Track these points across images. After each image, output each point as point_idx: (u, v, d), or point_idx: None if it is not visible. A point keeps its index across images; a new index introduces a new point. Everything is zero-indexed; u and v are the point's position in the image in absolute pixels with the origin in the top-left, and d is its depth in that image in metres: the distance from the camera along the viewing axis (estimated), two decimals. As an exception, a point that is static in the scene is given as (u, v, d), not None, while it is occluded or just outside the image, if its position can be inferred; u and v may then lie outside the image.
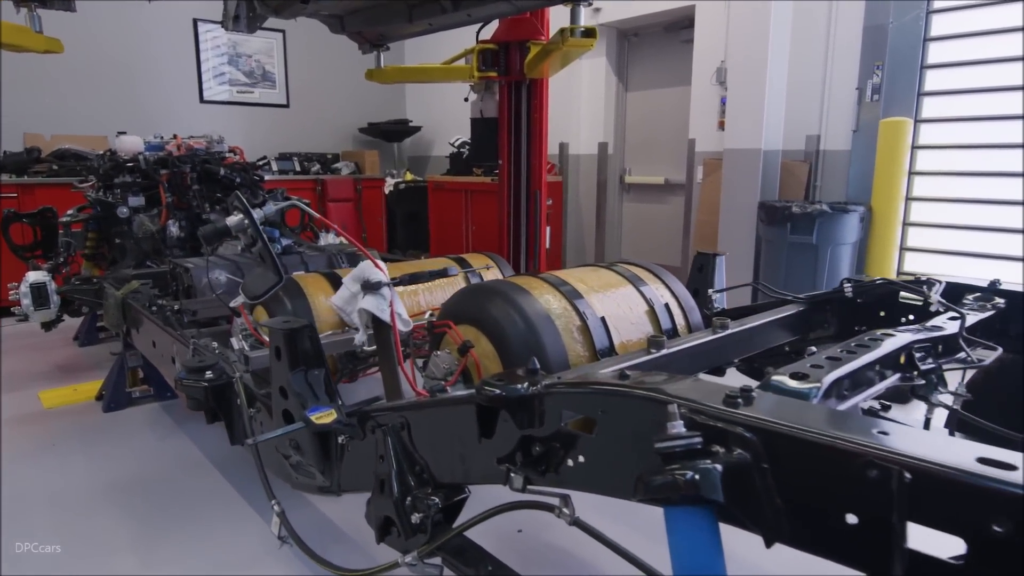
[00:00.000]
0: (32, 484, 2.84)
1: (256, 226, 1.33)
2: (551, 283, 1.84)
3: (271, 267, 1.35)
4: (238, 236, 1.38)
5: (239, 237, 1.38)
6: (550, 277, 1.88)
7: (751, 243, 4.88)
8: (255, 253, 1.38)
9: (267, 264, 1.35)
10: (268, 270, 1.36)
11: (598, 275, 2.01)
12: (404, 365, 1.48)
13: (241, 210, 1.31)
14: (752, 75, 4.73)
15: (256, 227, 1.33)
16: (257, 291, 1.38)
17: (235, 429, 1.90)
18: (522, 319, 1.67)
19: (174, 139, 4.69)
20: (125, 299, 3.00)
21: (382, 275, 1.40)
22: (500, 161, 4.51)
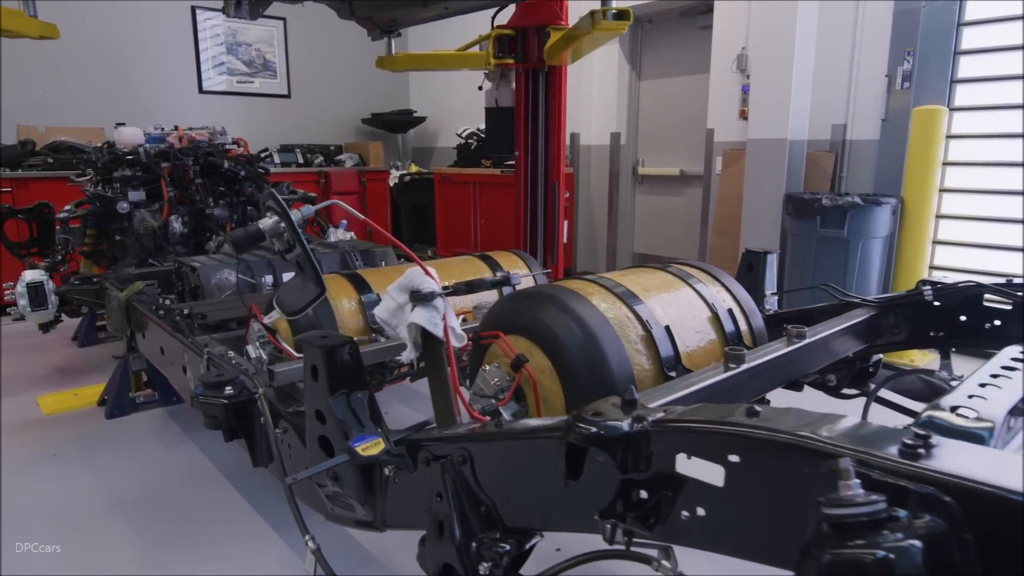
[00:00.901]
0: (31, 499, 2.67)
1: (295, 230, 1.15)
2: (606, 287, 1.66)
3: (312, 277, 1.16)
4: (272, 241, 1.20)
5: (273, 242, 1.20)
6: (604, 280, 1.70)
7: (776, 237, 4.71)
8: (290, 260, 1.20)
9: (307, 273, 1.17)
10: (308, 280, 1.18)
11: (653, 277, 1.83)
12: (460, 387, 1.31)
13: (277, 211, 1.13)
14: (778, 62, 4.54)
15: (295, 231, 1.15)
16: (295, 305, 1.20)
17: (258, 450, 1.72)
18: (580, 329, 1.49)
19: (175, 130, 4.50)
20: (129, 301, 2.81)
21: (434, 284, 1.22)
22: (516, 152, 4.32)
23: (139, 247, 4.10)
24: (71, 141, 6.09)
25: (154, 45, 6.90)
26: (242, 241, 1.14)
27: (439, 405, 1.30)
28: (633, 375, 1.50)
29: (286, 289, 1.25)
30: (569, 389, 1.49)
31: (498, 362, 1.57)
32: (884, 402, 1.93)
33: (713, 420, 0.85)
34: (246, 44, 7.44)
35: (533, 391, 1.49)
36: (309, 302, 1.18)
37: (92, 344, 4.73)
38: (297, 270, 1.23)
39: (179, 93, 7.09)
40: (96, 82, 6.59)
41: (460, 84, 7.86)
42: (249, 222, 4.54)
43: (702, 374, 1.39)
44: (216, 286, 2.93)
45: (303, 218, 1.17)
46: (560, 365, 1.49)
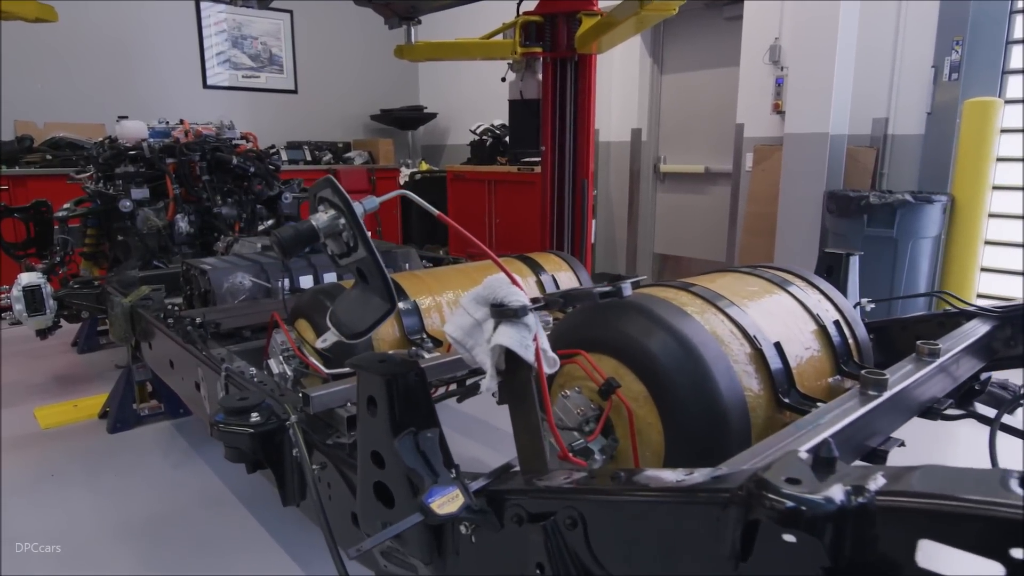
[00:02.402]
0: (29, 525, 2.42)
1: (360, 228, 0.89)
2: (700, 296, 1.41)
3: (379, 288, 0.91)
4: (325, 243, 0.94)
5: (325, 244, 0.95)
6: (693, 287, 1.45)
7: (815, 237, 4.46)
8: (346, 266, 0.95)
9: (371, 284, 0.92)
10: (373, 293, 0.93)
11: (744, 282, 1.58)
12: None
13: (336, 204, 0.88)
14: (819, 52, 4.29)
15: (360, 229, 0.89)
16: (358, 323, 0.94)
17: (288, 487, 1.47)
18: (681, 346, 1.24)
19: (181, 124, 4.24)
20: (134, 307, 2.56)
21: (523, 296, 0.97)
22: (542, 147, 4.07)
23: (143, 248, 3.85)
24: (71, 137, 5.84)
25: (157, 38, 6.65)
26: (290, 242, 0.89)
27: (525, 445, 1.05)
28: (745, 401, 1.25)
29: (344, 304, 0.99)
30: (669, 419, 1.24)
31: (579, 386, 1.32)
32: (1005, 427, 1.68)
33: (978, 498, 0.60)
34: (252, 37, 7.19)
35: (628, 424, 1.23)
36: (376, 320, 0.93)
37: (93, 350, 4.48)
38: (357, 279, 0.98)
39: (183, 88, 6.84)
40: (97, 76, 6.34)
41: (472, 79, 7.62)
42: (259, 221, 4.30)
43: (841, 408, 1.14)
44: (229, 291, 2.68)
45: (364, 211, 0.92)
46: (658, 390, 1.24)
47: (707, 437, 1.22)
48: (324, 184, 0.90)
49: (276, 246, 0.87)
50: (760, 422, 1.28)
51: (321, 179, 0.91)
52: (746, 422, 1.24)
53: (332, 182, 0.88)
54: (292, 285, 2.88)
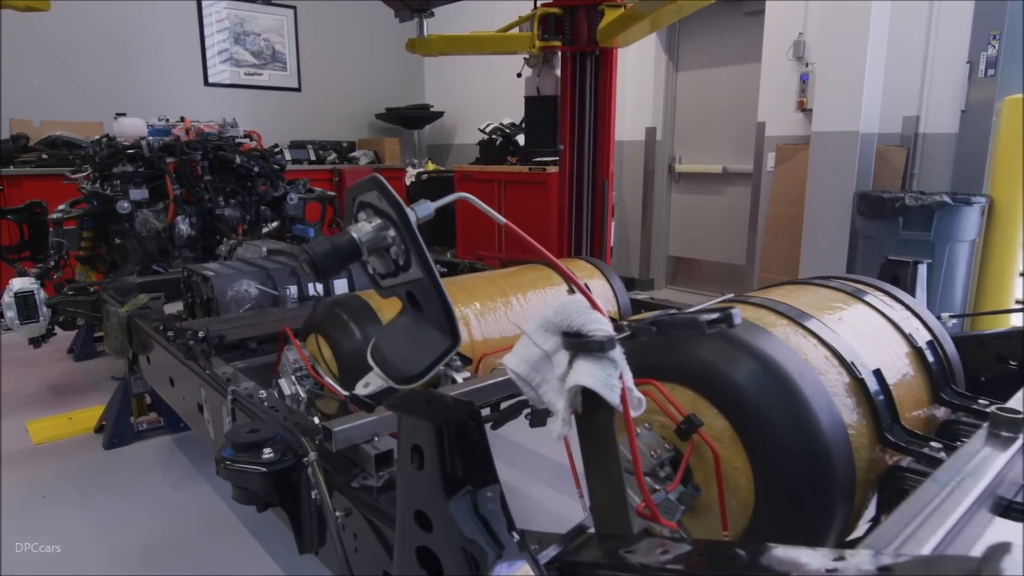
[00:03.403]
0: (17, 554, 2.23)
1: (418, 242, 0.70)
2: (786, 314, 1.22)
3: (438, 319, 0.72)
4: (367, 261, 0.74)
5: (367, 263, 0.75)
6: (777, 305, 1.26)
7: (843, 240, 4.27)
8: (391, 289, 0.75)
9: (426, 312, 0.73)
10: (426, 324, 0.74)
11: (822, 297, 1.39)
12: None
13: (386, 212, 0.69)
14: (849, 47, 4.10)
15: (417, 244, 0.70)
16: (412, 365, 0.73)
17: (305, 532, 1.28)
18: (774, 376, 1.05)
19: (182, 122, 4.05)
20: (131, 317, 2.37)
21: (607, 325, 0.78)
22: (560, 146, 3.89)
23: (141, 251, 3.66)
24: (67, 136, 5.65)
25: (157, 33, 6.46)
26: (326, 260, 0.69)
27: (604, 502, 0.86)
28: (849, 441, 1.06)
29: (391, 338, 0.79)
30: (760, 463, 1.05)
31: (649, 422, 1.13)
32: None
33: None
34: (254, 34, 6.99)
35: (714, 470, 1.04)
36: (435, 360, 0.73)
37: (89, 358, 4.28)
38: (406, 306, 0.78)
39: (183, 85, 6.65)
40: (95, 73, 6.15)
41: (479, 77, 7.44)
42: (263, 223, 4.11)
43: (975, 452, 0.95)
44: (233, 299, 2.49)
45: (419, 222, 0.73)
46: (746, 428, 1.05)
47: (807, 484, 1.03)
48: (367, 185, 0.71)
49: (308, 265, 0.68)
50: (863, 464, 1.09)
51: (363, 179, 0.71)
52: (851, 465, 1.06)
53: (380, 182, 0.69)
54: (300, 293, 2.70)
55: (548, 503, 2.51)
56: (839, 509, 1.05)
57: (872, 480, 1.12)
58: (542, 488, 2.62)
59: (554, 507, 2.46)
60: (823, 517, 1.04)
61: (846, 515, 1.07)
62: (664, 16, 3.08)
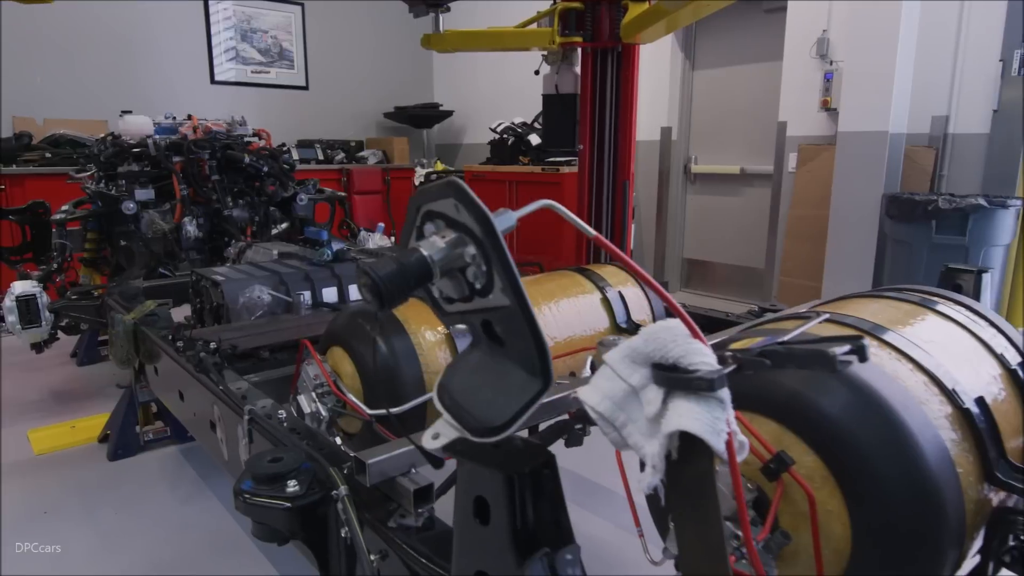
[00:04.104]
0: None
1: (509, 264, 0.57)
2: (874, 335, 1.09)
3: (526, 355, 0.59)
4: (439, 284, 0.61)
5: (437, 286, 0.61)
6: (859, 322, 1.13)
7: (871, 243, 4.13)
8: (463, 315, 0.62)
9: (510, 348, 0.60)
10: (509, 362, 0.61)
11: (904, 312, 1.26)
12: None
13: (469, 224, 0.55)
14: (879, 44, 3.96)
15: (507, 264, 0.57)
16: (495, 413, 0.57)
17: (334, 573, 1.15)
18: (872, 407, 0.93)
19: (189, 120, 3.94)
20: (138, 326, 2.25)
21: (711, 357, 0.65)
22: (580, 146, 3.76)
23: (147, 254, 3.54)
24: (71, 134, 5.54)
25: (163, 30, 6.34)
26: (392, 283, 0.55)
27: (699, 557, 0.73)
28: (959, 480, 0.93)
29: (463, 378, 0.64)
30: (859, 506, 0.92)
31: (727, 457, 1.00)
32: None
33: None
34: (262, 31, 6.88)
35: (809, 514, 0.91)
36: (524, 406, 0.60)
37: (93, 362, 4.16)
38: (482, 337, 0.65)
39: (189, 83, 6.54)
40: (99, 70, 6.03)
41: (489, 75, 7.32)
42: (273, 224, 3.99)
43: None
44: (245, 306, 2.37)
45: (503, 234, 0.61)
46: (842, 467, 0.93)
47: (913, 530, 0.90)
48: (441, 191, 0.57)
49: (370, 292, 0.55)
50: (971, 506, 0.96)
51: (434, 184, 0.57)
52: (961, 508, 0.93)
53: (459, 188, 0.56)
54: (314, 299, 2.57)
55: (585, 527, 2.38)
56: (948, 558, 0.92)
57: (978, 524, 0.99)
58: (579, 512, 2.49)
59: (593, 531, 2.32)
60: (931, 568, 0.91)
61: (955, 565, 0.94)
62: (692, 12, 2.95)
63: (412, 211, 0.61)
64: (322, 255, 2.78)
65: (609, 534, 2.22)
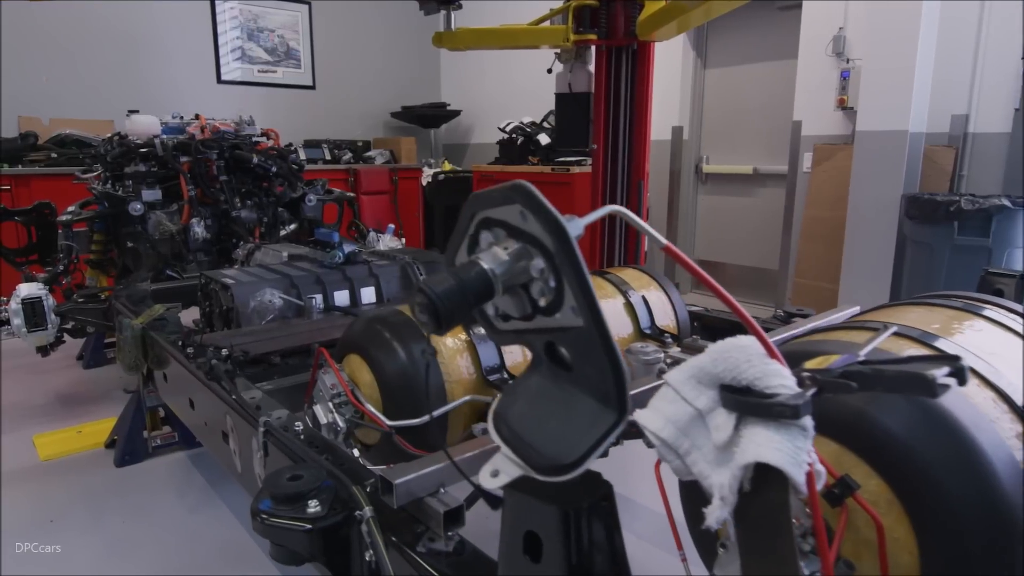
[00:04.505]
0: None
1: (584, 278, 0.50)
2: (930, 344, 1.02)
3: (600, 382, 0.52)
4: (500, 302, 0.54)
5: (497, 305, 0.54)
6: (907, 330, 1.06)
7: (890, 244, 4.06)
8: (523, 334, 0.55)
9: (579, 373, 0.53)
10: (579, 389, 0.54)
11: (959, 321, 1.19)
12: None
13: (537, 234, 0.48)
14: (899, 42, 3.89)
15: (584, 280, 0.50)
16: (565, 448, 0.50)
17: (357, 598, 1.09)
18: (943, 427, 0.86)
19: (197, 120, 3.88)
20: (146, 331, 2.19)
21: (790, 379, 0.59)
22: (594, 145, 3.69)
23: (154, 255, 3.49)
24: (77, 134, 5.49)
25: (169, 30, 6.29)
26: (451, 303, 0.49)
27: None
28: (1040, 511, 0.86)
29: (522, 405, 0.58)
30: (928, 534, 0.85)
31: (782, 479, 0.93)
32: None
33: None
34: (268, 30, 6.82)
35: (879, 544, 0.85)
36: (598, 440, 0.53)
37: (100, 365, 4.12)
38: (544, 360, 0.58)
39: (195, 83, 6.49)
40: (105, 70, 5.99)
41: (497, 75, 7.26)
42: (281, 226, 3.93)
43: None
44: (256, 310, 2.31)
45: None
46: (910, 492, 0.86)
47: (989, 561, 0.83)
48: (505, 195, 0.50)
49: (426, 312, 0.48)
50: (1045, 534, 0.89)
51: (496, 188, 0.50)
52: (1038, 538, 0.86)
53: (528, 192, 0.49)
54: (326, 303, 2.51)
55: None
56: (1025, 590, 0.85)
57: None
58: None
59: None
60: (1006, 601, 0.84)
61: (1031, 597, 0.87)
62: (706, 11, 2.89)
63: (465, 218, 0.55)
64: (333, 257, 2.72)
65: (643, 552, 2.12)
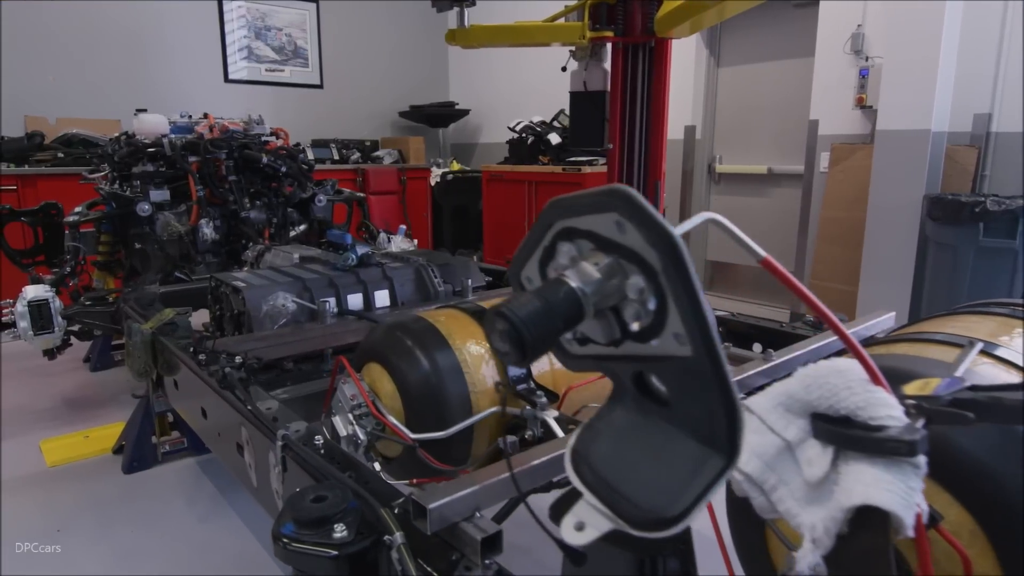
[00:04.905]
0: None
1: (696, 295, 0.44)
2: (1002, 358, 0.95)
3: (705, 421, 0.46)
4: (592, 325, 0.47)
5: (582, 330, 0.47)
6: (995, 348, 0.98)
7: (911, 246, 3.97)
8: (599, 362, 0.48)
9: (684, 409, 0.46)
10: (673, 425, 0.48)
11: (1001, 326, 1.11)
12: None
13: (636, 247, 0.42)
14: (922, 39, 3.80)
15: (697, 302, 0.44)
16: (664, 501, 0.45)
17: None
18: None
19: (205, 119, 3.82)
20: (156, 336, 2.13)
21: (898, 409, 0.51)
22: (609, 145, 3.62)
23: (163, 257, 3.43)
24: (84, 134, 5.44)
25: (176, 28, 6.24)
26: (538, 330, 0.43)
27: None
28: None
29: (608, 444, 0.51)
30: (1013, 568, 0.78)
31: (851, 506, 0.86)
32: None
33: None
34: (276, 29, 6.77)
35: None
36: (704, 488, 0.46)
37: (107, 367, 4.07)
38: (631, 393, 0.51)
39: (203, 82, 6.43)
40: (112, 69, 5.94)
41: (506, 74, 7.20)
42: (291, 227, 3.87)
43: None
44: (268, 315, 2.24)
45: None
46: (995, 522, 0.78)
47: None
48: (603, 202, 0.41)
49: (509, 342, 0.41)
50: None
51: (593, 193, 0.43)
52: None
53: (629, 197, 0.42)
54: (339, 307, 2.44)
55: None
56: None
57: None
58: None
59: None
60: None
61: None
62: (725, 9, 2.82)
63: (541, 227, 0.48)
64: (346, 260, 2.65)
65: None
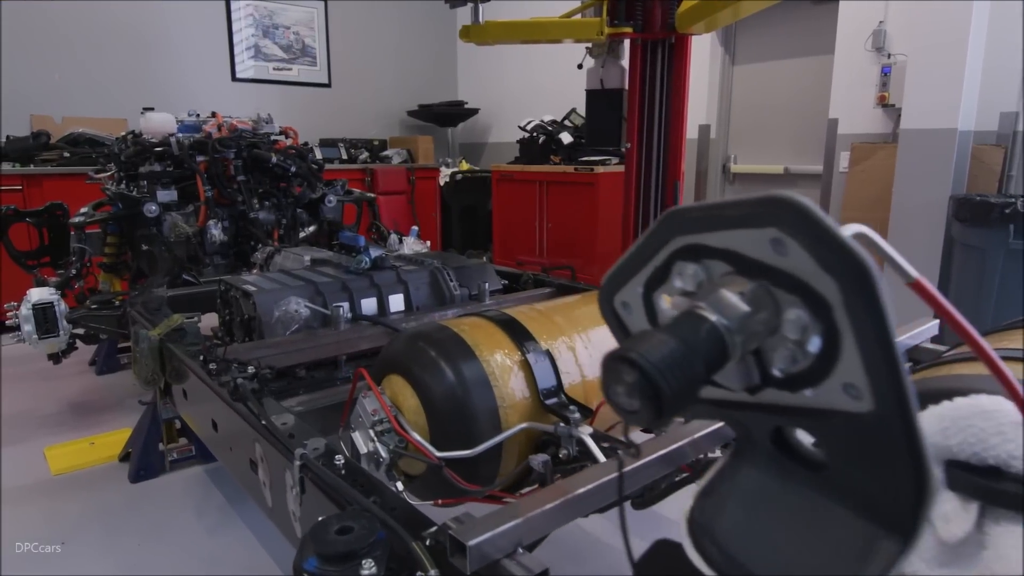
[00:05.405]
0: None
1: (887, 335, 0.36)
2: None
3: (876, 493, 0.38)
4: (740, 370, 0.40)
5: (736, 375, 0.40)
6: None
7: (936, 248, 3.87)
8: (722, 409, 0.39)
9: (846, 475, 0.39)
10: (826, 495, 0.39)
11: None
12: None
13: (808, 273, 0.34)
14: (949, 36, 3.70)
15: (887, 338, 0.36)
16: None
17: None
18: None
19: (213, 118, 3.74)
20: (164, 343, 2.04)
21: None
22: (627, 144, 3.53)
23: (170, 258, 3.34)
24: (90, 133, 5.37)
25: (183, 27, 6.16)
26: (677, 381, 0.35)
27: None
28: None
29: (739, 511, 0.42)
30: None
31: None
32: None
33: None
34: (284, 27, 6.69)
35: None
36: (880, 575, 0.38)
37: (113, 371, 3.99)
38: (755, 451, 0.41)
39: (210, 81, 6.36)
40: (119, 68, 5.87)
41: (516, 73, 7.11)
42: (301, 228, 3.78)
43: None
44: (280, 320, 2.15)
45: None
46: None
47: None
48: (756, 212, 0.31)
49: (641, 395, 0.32)
50: None
51: (744, 202, 0.33)
52: None
53: (802, 208, 0.32)
54: (353, 311, 2.36)
55: None
56: None
57: None
58: None
59: None
60: None
61: None
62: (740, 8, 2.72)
63: (654, 242, 0.38)
64: (359, 263, 2.56)
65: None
